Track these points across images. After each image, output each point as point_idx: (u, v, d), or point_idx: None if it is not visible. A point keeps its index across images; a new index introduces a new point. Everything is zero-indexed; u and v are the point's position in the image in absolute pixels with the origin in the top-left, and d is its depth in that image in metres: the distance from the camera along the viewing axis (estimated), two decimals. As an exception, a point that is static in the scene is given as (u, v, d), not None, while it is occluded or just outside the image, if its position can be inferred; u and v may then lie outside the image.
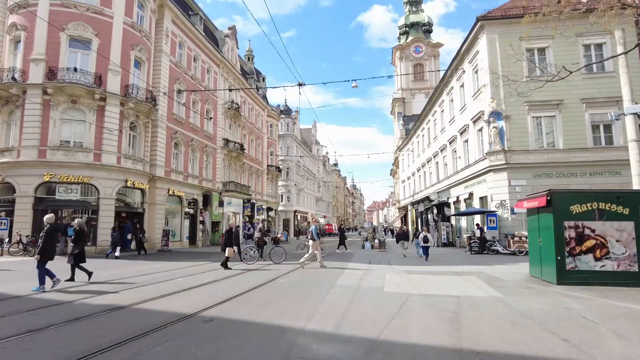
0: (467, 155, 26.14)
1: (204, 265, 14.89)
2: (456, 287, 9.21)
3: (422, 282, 10.19)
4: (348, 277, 10.93)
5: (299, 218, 66.68)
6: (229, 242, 14.06)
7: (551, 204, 9.65)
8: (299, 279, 10.81)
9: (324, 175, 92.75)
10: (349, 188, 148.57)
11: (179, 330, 5.25)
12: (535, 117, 21.57)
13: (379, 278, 10.87)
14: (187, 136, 29.72)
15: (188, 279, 10.58)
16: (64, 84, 19.74)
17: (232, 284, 9.69)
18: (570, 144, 20.80)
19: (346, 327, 5.39)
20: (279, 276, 11.21)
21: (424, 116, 38.61)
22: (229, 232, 14.58)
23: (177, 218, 28.50)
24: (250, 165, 42.12)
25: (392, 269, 13.51)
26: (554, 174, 20.68)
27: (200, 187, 31.17)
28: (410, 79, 66.55)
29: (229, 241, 14.07)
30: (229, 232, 14.58)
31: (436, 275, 11.61)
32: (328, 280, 10.21)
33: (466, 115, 25.69)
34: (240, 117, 38.48)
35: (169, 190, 26.71)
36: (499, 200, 21.40)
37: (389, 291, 8.62)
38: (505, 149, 21.21)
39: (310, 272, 12.46)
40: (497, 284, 9.71)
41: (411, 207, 45.79)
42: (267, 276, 11.18)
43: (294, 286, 9.37)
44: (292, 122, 62.28)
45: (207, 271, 12.78)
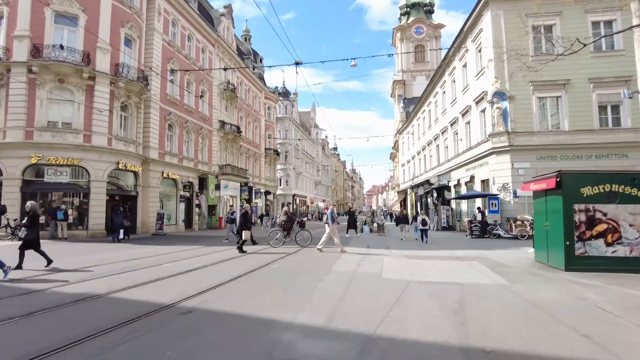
0: (469, 138, 25.45)
1: (195, 250, 14.38)
2: (459, 274, 8.69)
3: (423, 267, 9.67)
4: (345, 263, 10.41)
5: (298, 202, 66.25)
6: (245, 225, 13.74)
7: (561, 185, 9.05)
8: (293, 264, 10.30)
9: (323, 159, 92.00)
10: (349, 172, 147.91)
11: (152, 324, 4.70)
12: (540, 98, 20.82)
13: (377, 263, 10.35)
14: (182, 117, 28.92)
15: (176, 265, 10.05)
16: (50, 62, 18.89)
17: (223, 270, 9.16)
18: (576, 125, 20.11)
19: (339, 320, 4.85)
20: (272, 261, 10.68)
21: (424, 98, 37.74)
22: (244, 215, 14.14)
23: (172, 201, 27.93)
24: (247, 148, 41.39)
25: (391, 254, 13.00)
26: (559, 156, 20.05)
27: (196, 170, 30.52)
28: (410, 60, 65.19)
29: (245, 224, 13.75)
30: (244, 215, 14.14)
31: (437, 260, 11.10)
32: (323, 266, 9.69)
33: (468, 96, 24.90)
34: (236, 99, 37.58)
35: (163, 173, 26.07)
36: (501, 184, 20.82)
37: (388, 278, 8.09)
38: (508, 130, 20.52)
39: (306, 257, 11.95)
40: (501, 270, 9.18)
41: (411, 190, 45.27)
42: (260, 261, 10.65)
43: (286, 272, 8.84)
44: (291, 104, 61.25)
45: (198, 256, 12.26)
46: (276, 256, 11.85)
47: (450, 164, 29.02)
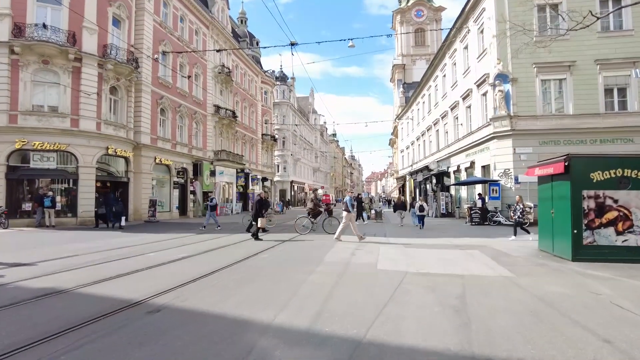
0: (470, 122, 24.76)
1: (185, 238, 13.83)
2: (459, 264, 8.14)
3: (421, 257, 9.12)
4: (338, 252, 9.86)
5: (296, 188, 65.73)
6: (261, 212, 13.35)
7: (569, 170, 8.45)
8: (284, 253, 9.74)
9: (321, 145, 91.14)
10: (347, 159, 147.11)
11: (113, 325, 4.14)
12: (544, 80, 20.06)
13: (372, 252, 9.80)
14: (174, 102, 28.12)
15: (160, 254, 9.50)
16: (33, 42, 18.05)
17: (208, 261, 8.60)
18: (581, 109, 19.41)
19: (325, 321, 4.29)
20: (263, 250, 10.13)
21: (424, 82, 36.85)
22: (260, 202, 13.71)
23: (166, 188, 27.35)
24: (243, 133, 40.61)
25: (387, 242, 12.47)
26: (562, 141, 19.40)
27: (190, 156, 29.85)
28: (410, 44, 63.96)
29: (260, 211, 13.41)
30: (260, 202, 13.71)
31: (436, 249, 10.56)
32: (316, 256, 9.14)
33: (470, 79, 24.11)
34: (231, 83, 36.67)
35: (156, 159, 25.42)
36: (502, 169, 20.22)
37: (383, 269, 7.54)
38: (510, 114, 19.83)
39: (298, 245, 11.41)
40: (504, 260, 8.64)
41: (409, 177, 44.68)
42: (250, 250, 10.11)
43: (275, 263, 8.28)
44: (288, 89, 60.21)
45: (186, 244, 11.71)
46: (268, 245, 11.31)
47: (450, 149, 28.36)
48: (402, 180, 53.73)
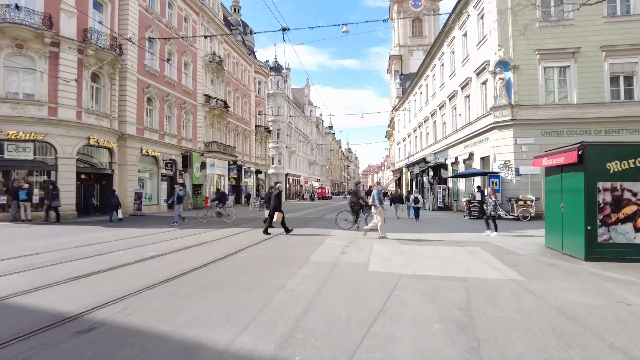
0: (468, 113, 23.85)
1: (166, 233, 12.90)
2: (460, 264, 7.28)
3: (417, 255, 8.25)
4: (327, 250, 8.97)
5: (291, 181, 64.76)
6: (279, 206, 12.67)
7: (583, 160, 7.57)
8: (268, 251, 8.83)
9: (317, 137, 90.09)
10: (344, 151, 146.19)
11: (28, 350, 3.23)
12: (546, 68, 19.14)
13: (364, 250, 8.93)
14: (162, 91, 27.02)
15: (129, 252, 8.58)
16: (4, 24, 16.90)
17: (178, 261, 7.69)
18: (585, 98, 18.53)
19: (297, 345, 3.40)
20: (245, 247, 9.23)
21: (422, 72, 35.84)
22: (279, 197, 12.98)
23: (154, 180, 26.37)
24: (236, 124, 39.52)
25: (382, 238, 11.59)
26: (565, 131, 18.55)
27: (179, 147, 28.81)
28: (408, 34, 62.87)
29: (279, 205, 12.66)
30: (279, 197, 12.98)
31: (433, 246, 9.70)
32: (302, 254, 8.25)
33: (469, 68, 23.16)
34: (223, 72, 35.52)
35: (142, 150, 24.39)
36: (502, 161, 19.36)
37: (375, 270, 6.66)
38: (512, 103, 18.93)
39: (286, 242, 10.51)
40: (509, 259, 7.79)
41: (406, 169, 43.85)
42: (230, 247, 9.20)
43: (254, 263, 7.38)
44: (283, 80, 58.98)
45: (163, 240, 10.79)
46: (254, 239, 10.42)
47: (448, 140, 27.48)
48: (398, 173, 52.93)
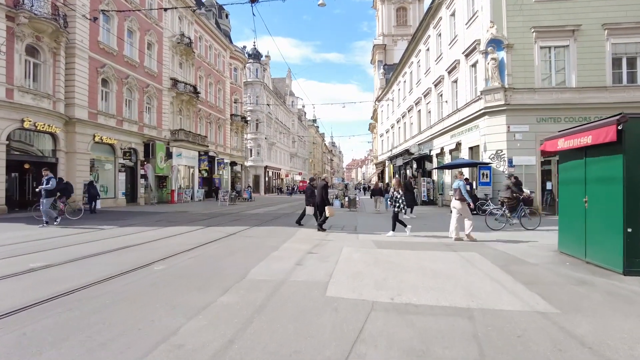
0: (456, 99, 21.93)
1: (93, 232, 10.52)
2: (457, 281, 5.21)
3: (398, 267, 6.16)
4: (279, 259, 6.79)
5: (271, 174, 62.32)
6: (327, 199, 11.20)
7: (622, 139, 5.57)
8: (192, 263, 6.52)
9: (299, 129, 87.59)
10: (328, 145, 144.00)
11: None
12: (543, 47, 17.29)
13: (329, 258, 6.79)
14: (121, 72, 24.28)
15: (5, 263, 6.25)
16: None
17: (59, 277, 5.43)
18: (585, 81, 16.76)
19: None
20: (165, 257, 6.98)
21: (405, 58, 33.82)
22: (325, 188, 11.24)
23: (110, 171, 23.70)
24: (208, 112, 36.83)
25: (356, 239, 9.50)
26: (563, 118, 16.75)
27: (140, 135, 26.12)
28: (392, 24, 60.87)
29: (327, 198, 11.22)
30: (325, 188, 11.24)
31: (419, 251, 7.63)
32: (238, 267, 6.06)
33: (457, 49, 21.19)
34: (193, 55, 32.76)
35: (95, 137, 21.70)
36: (494, 150, 17.49)
37: (335, 296, 4.53)
38: (505, 86, 17.04)
39: (226, 247, 8.30)
40: (519, 272, 5.77)
41: (389, 162, 41.97)
42: (148, 255, 6.95)
43: (160, 283, 5.10)
44: (262, 68, 56.25)
45: (75, 244, 8.44)
46: (193, 244, 8.17)
47: (433, 130, 25.57)
48: (381, 166, 51.11)
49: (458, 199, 9.53)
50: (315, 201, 11.34)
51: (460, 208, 9.51)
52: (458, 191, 9.55)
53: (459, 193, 9.51)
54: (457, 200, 9.54)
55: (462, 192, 9.48)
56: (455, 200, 9.63)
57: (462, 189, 9.51)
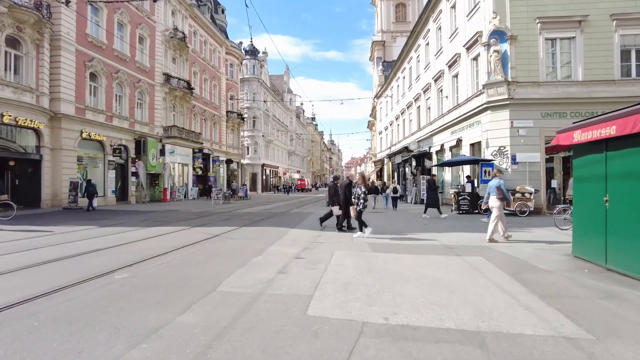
0: (456, 94, 21.16)
1: (67, 234, 9.76)
2: (462, 294, 4.48)
3: (395, 275, 5.42)
4: (261, 265, 6.03)
5: (268, 172, 61.52)
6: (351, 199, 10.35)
7: (652, 127, 4.83)
8: (161, 270, 5.72)
9: (297, 127, 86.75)
10: (327, 143, 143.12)
11: None
12: (548, 39, 16.53)
13: (317, 265, 6.04)
14: (111, 66, 23.47)
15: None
16: None
17: (8, 286, 4.67)
18: (592, 74, 16.02)
19: None
20: (133, 263, 6.22)
21: (405, 54, 33.01)
22: (349, 187, 10.56)
23: (99, 169, 22.92)
24: (203, 109, 36.02)
25: (350, 241, 8.75)
26: (569, 113, 16.01)
27: (131, 132, 25.33)
28: (391, 20, 60.08)
29: (350, 198, 10.38)
30: (349, 187, 10.56)
31: (419, 256, 6.89)
32: (212, 275, 5.31)
33: (457, 43, 20.41)
34: (187, 50, 31.95)
35: (83, 133, 20.91)
36: (496, 147, 16.74)
37: (318, 315, 3.78)
38: (508, 79, 16.28)
39: (209, 249, 7.55)
40: (534, 281, 5.03)
41: (388, 160, 41.20)
42: (114, 262, 6.20)
43: (118, 296, 4.37)
44: (259, 64, 55.38)
45: (41, 247, 7.68)
46: (172, 245, 7.43)
47: (433, 127, 24.80)
48: (380, 164, 50.35)
49: (499, 198, 8.80)
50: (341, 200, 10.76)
51: (498, 206, 8.80)
52: (499, 190, 8.82)
53: (500, 192, 8.79)
54: (499, 199, 8.81)
55: (503, 191, 8.78)
56: (495, 200, 8.89)
57: (503, 188, 8.81)
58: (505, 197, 8.80)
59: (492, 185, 9.07)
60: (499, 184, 8.86)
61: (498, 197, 8.80)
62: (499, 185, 8.83)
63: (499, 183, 8.88)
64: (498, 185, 8.86)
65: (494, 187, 8.93)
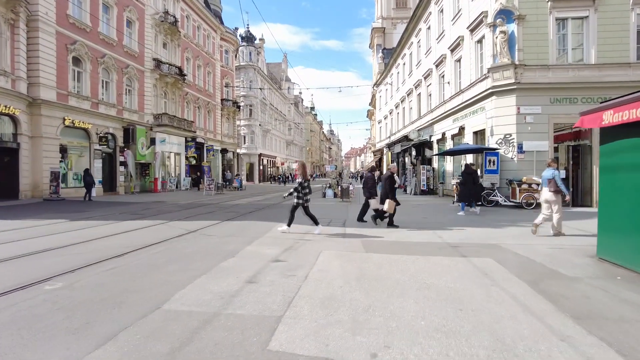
0: (459, 80, 20.07)
1: (32, 229, 8.79)
2: (476, 315, 3.51)
3: (390, 285, 4.46)
4: (226, 272, 5.04)
5: (265, 162, 60.47)
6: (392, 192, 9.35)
7: None
8: (107, 277, 4.78)
9: (296, 116, 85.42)
10: (326, 133, 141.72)
11: None
12: (559, 19, 15.40)
13: (297, 271, 5.07)
14: (96, 50, 22.29)
15: None
16: None
17: None
18: (606, 57, 14.94)
19: None
20: (75, 269, 5.27)
21: (405, 39, 31.73)
22: (390, 180, 9.44)
23: (84, 158, 21.89)
24: (196, 96, 34.84)
25: (341, 238, 7.79)
26: (580, 98, 14.99)
27: (119, 119, 24.24)
28: (391, 6, 58.54)
29: (391, 192, 9.36)
30: (390, 180, 9.44)
31: (420, 257, 5.93)
32: (167, 284, 4.36)
33: (460, 25, 19.25)
34: (179, 35, 30.67)
35: (66, 120, 19.84)
36: (501, 135, 15.72)
37: (283, 350, 2.82)
38: (515, 62, 15.19)
39: (175, 250, 6.58)
40: (563, 296, 4.07)
41: (387, 149, 40.15)
42: (62, 265, 5.25)
43: (29, 318, 3.39)
44: (256, 51, 53.93)
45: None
46: (126, 247, 6.47)
47: (434, 114, 23.72)
48: (379, 154, 49.29)
49: (553, 191, 7.92)
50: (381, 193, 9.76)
51: (553, 200, 7.95)
52: (552, 182, 7.95)
53: (554, 184, 7.90)
54: (552, 192, 7.94)
55: (557, 183, 7.88)
56: (547, 192, 8.05)
57: (557, 179, 7.90)
58: (560, 189, 7.90)
59: (545, 177, 8.20)
60: (553, 175, 7.95)
61: (551, 189, 7.94)
62: (553, 177, 7.95)
63: (553, 174, 7.97)
64: (552, 177, 7.97)
65: (547, 179, 8.07)
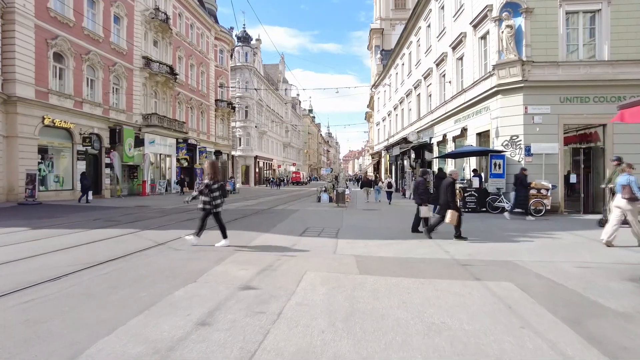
0: (461, 79, 19.06)
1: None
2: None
3: (387, 324, 3.39)
4: (181, 304, 3.95)
5: (262, 165, 59.39)
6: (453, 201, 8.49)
7: None
8: (11, 316, 3.81)
9: (293, 119, 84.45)
10: (324, 135, 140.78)
11: None
12: (569, 13, 14.41)
13: (269, 304, 3.99)
14: (80, 46, 21.22)
15: None
16: None
17: None
18: (620, 53, 13.94)
19: None
20: (19, 289, 4.21)
21: (404, 39, 30.76)
22: (451, 187, 8.61)
23: (66, 159, 20.78)
24: (189, 96, 33.75)
25: (332, 254, 6.72)
26: (592, 97, 13.99)
27: (105, 119, 23.14)
28: (390, 7, 57.76)
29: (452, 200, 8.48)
30: (451, 187, 8.61)
31: (424, 281, 4.86)
32: (89, 328, 3.29)
33: (463, 21, 18.26)
34: (170, 33, 29.62)
35: (45, 120, 18.73)
36: (507, 136, 14.68)
37: None
38: (522, 59, 14.18)
39: (125, 271, 5.49)
40: (616, 342, 3.03)
41: (385, 152, 39.14)
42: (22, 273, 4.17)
43: None
44: (252, 51, 52.94)
45: None
46: (82, 261, 5.39)
47: (434, 115, 22.69)
48: (377, 157, 48.29)
49: (627, 198, 7.04)
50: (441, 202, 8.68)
51: (630, 209, 7.11)
52: (627, 188, 7.08)
53: (629, 190, 7.05)
54: (625, 199, 7.08)
55: (632, 190, 7.02)
56: (621, 199, 7.18)
57: (632, 186, 7.03)
58: (636, 196, 7.02)
59: (619, 183, 7.32)
60: (628, 181, 7.00)
61: (625, 196, 7.06)
62: (628, 183, 7.08)
63: (628, 180, 7.02)
64: (627, 183, 7.10)
65: (621, 185, 7.22)
